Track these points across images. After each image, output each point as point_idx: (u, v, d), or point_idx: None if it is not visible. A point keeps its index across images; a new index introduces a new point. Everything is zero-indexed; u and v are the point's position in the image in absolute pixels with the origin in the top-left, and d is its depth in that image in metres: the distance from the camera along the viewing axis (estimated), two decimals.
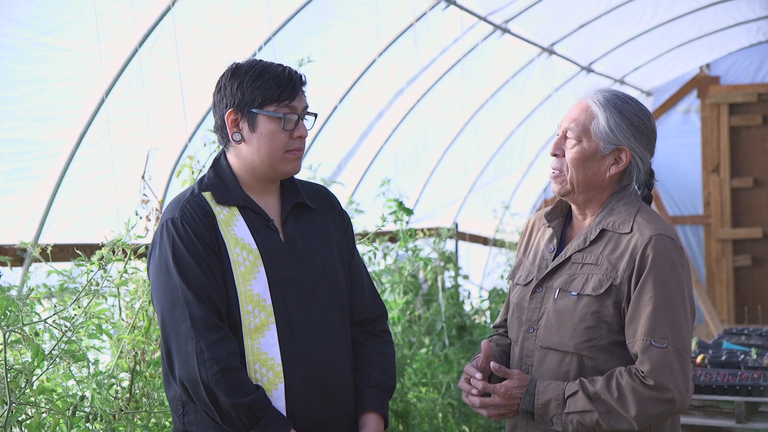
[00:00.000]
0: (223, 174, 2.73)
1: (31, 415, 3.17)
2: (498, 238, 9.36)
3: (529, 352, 2.75)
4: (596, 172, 2.72)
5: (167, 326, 2.59)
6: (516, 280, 2.88)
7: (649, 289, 2.59)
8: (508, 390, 2.67)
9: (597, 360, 2.65)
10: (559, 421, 2.61)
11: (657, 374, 2.55)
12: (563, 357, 2.68)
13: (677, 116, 11.06)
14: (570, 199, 2.79)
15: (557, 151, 2.75)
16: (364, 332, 2.85)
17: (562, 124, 2.76)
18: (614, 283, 2.63)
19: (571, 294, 2.68)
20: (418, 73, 7.45)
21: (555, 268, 2.75)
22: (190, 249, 2.60)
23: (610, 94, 2.74)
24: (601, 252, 2.69)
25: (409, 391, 5.46)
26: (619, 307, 2.64)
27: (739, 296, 10.66)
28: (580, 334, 2.65)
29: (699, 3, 8.91)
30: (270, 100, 2.66)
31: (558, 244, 2.82)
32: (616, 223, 2.70)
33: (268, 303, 2.63)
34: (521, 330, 2.79)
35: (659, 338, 2.56)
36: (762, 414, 4.81)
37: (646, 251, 2.61)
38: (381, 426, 2.78)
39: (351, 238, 2.90)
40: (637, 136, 2.71)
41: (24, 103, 4.69)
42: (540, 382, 2.65)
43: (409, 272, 6.08)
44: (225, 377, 2.53)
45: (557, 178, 2.76)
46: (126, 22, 4.79)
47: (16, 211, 4.85)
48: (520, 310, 2.81)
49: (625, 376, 2.58)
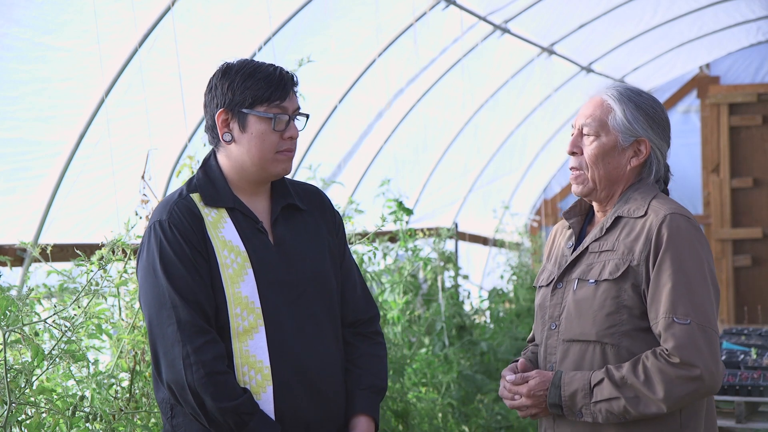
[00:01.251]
0: (212, 175, 2.71)
1: (31, 415, 3.17)
2: (498, 238, 9.36)
3: (552, 349, 2.72)
4: (617, 166, 2.71)
5: (154, 329, 2.59)
6: (539, 283, 2.86)
7: (667, 267, 2.55)
8: (531, 389, 2.66)
9: (620, 347, 2.60)
10: (588, 411, 2.58)
11: (682, 351, 2.49)
12: (586, 347, 2.64)
13: (677, 116, 11.06)
14: (592, 198, 2.76)
15: (575, 149, 2.73)
16: (356, 334, 2.83)
17: (577, 121, 2.74)
18: (631, 265, 2.60)
19: (589, 282, 2.65)
20: (418, 73, 7.45)
21: (573, 261, 2.73)
22: (177, 252, 2.59)
23: (623, 87, 2.74)
24: (617, 238, 2.66)
25: (409, 391, 5.46)
26: (638, 290, 2.60)
27: (739, 296, 10.66)
28: (601, 321, 2.62)
29: (699, 3, 8.91)
30: (260, 101, 2.64)
31: (577, 241, 2.80)
32: (631, 209, 2.68)
33: (256, 305, 2.61)
34: (545, 329, 2.76)
35: (681, 315, 2.51)
36: (762, 414, 4.81)
37: (662, 230, 2.58)
38: (371, 428, 2.76)
39: (343, 238, 2.88)
40: (654, 127, 2.71)
41: (24, 103, 4.69)
42: (565, 373, 2.62)
43: (408, 272, 6.08)
44: (211, 381, 2.52)
45: (578, 178, 2.73)
46: (126, 22, 4.79)
47: (16, 211, 4.85)
48: (543, 309, 2.79)
49: (651, 358, 2.53)
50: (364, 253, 5.52)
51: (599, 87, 2.78)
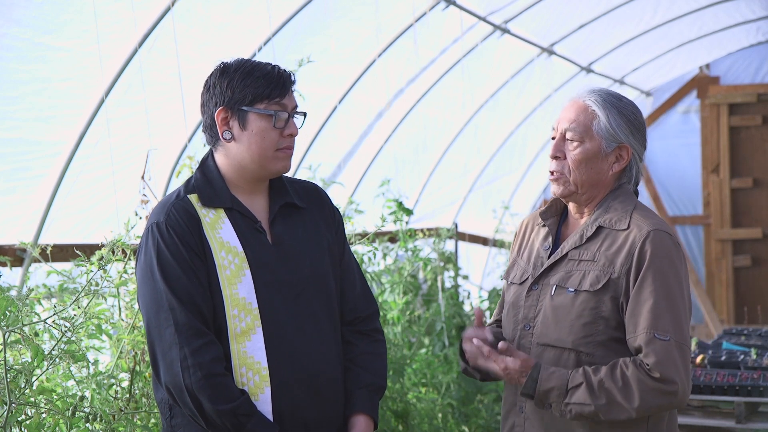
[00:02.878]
0: (210, 175, 2.71)
1: (30, 416, 3.17)
2: (498, 239, 9.36)
3: (526, 350, 2.74)
4: (599, 171, 2.74)
5: (152, 331, 2.59)
6: (511, 279, 2.88)
7: (649, 283, 2.60)
8: (507, 368, 2.66)
9: (594, 356, 2.65)
10: (557, 408, 2.62)
11: (662, 367, 2.55)
12: (561, 353, 2.68)
13: (677, 116, 11.06)
14: (572, 200, 2.79)
15: (558, 154, 2.75)
16: (355, 331, 2.82)
17: (560, 125, 2.76)
18: (612, 278, 2.64)
19: (568, 290, 2.69)
20: (417, 74, 7.45)
21: (551, 265, 2.75)
22: (174, 253, 2.58)
23: (605, 93, 2.76)
24: (597, 248, 2.69)
25: (409, 391, 5.46)
26: (616, 302, 2.64)
27: (739, 296, 10.65)
28: (577, 330, 2.66)
29: (699, 3, 8.91)
30: (260, 98, 2.64)
31: (553, 243, 2.82)
32: (612, 220, 2.71)
33: (254, 306, 2.61)
34: (517, 328, 2.78)
35: (662, 331, 2.57)
36: (762, 414, 4.81)
37: (645, 246, 2.63)
38: (370, 427, 2.76)
39: (342, 235, 2.87)
40: (634, 133, 2.75)
41: (24, 103, 4.69)
42: (544, 369, 2.64)
43: (408, 272, 6.08)
44: (209, 383, 2.52)
45: (558, 180, 2.76)
46: (126, 22, 4.79)
47: (16, 211, 4.85)
48: (516, 308, 2.80)
49: (631, 367, 2.58)
50: (364, 253, 5.52)
51: (580, 91, 2.80)
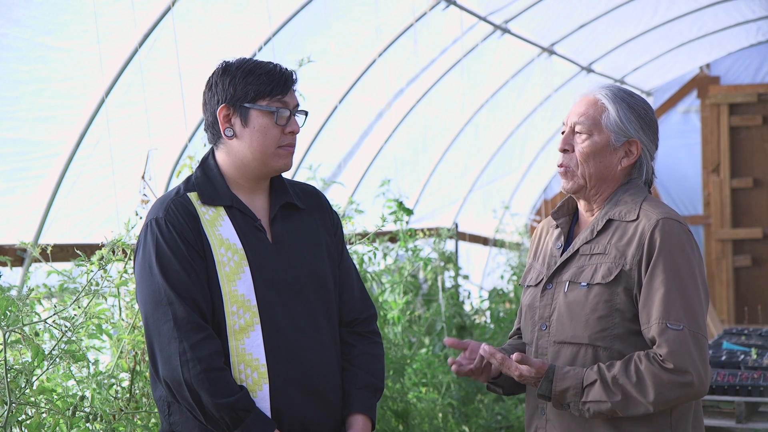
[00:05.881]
0: (210, 173, 2.71)
1: (31, 415, 3.17)
2: (498, 239, 9.36)
3: (543, 350, 2.72)
4: (608, 165, 2.73)
5: (151, 326, 2.59)
6: (527, 282, 2.87)
7: (659, 272, 2.58)
8: (522, 375, 2.63)
9: (612, 350, 2.62)
10: (575, 408, 2.60)
11: (675, 357, 2.52)
12: (578, 350, 2.66)
13: (677, 116, 11.07)
14: (581, 195, 2.78)
15: (567, 146, 2.75)
16: (353, 333, 2.83)
17: (569, 119, 2.76)
18: (624, 269, 2.62)
19: (581, 285, 2.67)
20: (418, 74, 7.45)
21: (564, 262, 2.74)
22: (173, 249, 2.59)
23: (616, 88, 2.76)
24: (608, 241, 2.67)
25: (409, 391, 5.46)
26: (630, 293, 2.62)
27: (739, 296, 10.66)
28: (593, 324, 2.63)
29: (699, 3, 8.91)
30: (262, 95, 2.65)
31: (565, 241, 2.81)
32: (622, 212, 2.69)
33: (253, 304, 2.62)
34: (534, 329, 2.77)
35: (674, 321, 2.54)
36: (762, 414, 4.81)
37: (654, 235, 2.60)
38: (368, 428, 2.76)
39: (341, 238, 2.88)
40: (645, 129, 2.74)
41: (24, 103, 4.69)
42: (558, 369, 2.62)
43: (409, 272, 6.08)
44: (208, 377, 2.52)
45: (567, 174, 2.75)
46: (126, 22, 4.79)
47: (16, 211, 4.85)
48: (533, 309, 2.79)
49: (644, 361, 2.55)
50: (365, 253, 5.51)
51: (591, 86, 2.80)
